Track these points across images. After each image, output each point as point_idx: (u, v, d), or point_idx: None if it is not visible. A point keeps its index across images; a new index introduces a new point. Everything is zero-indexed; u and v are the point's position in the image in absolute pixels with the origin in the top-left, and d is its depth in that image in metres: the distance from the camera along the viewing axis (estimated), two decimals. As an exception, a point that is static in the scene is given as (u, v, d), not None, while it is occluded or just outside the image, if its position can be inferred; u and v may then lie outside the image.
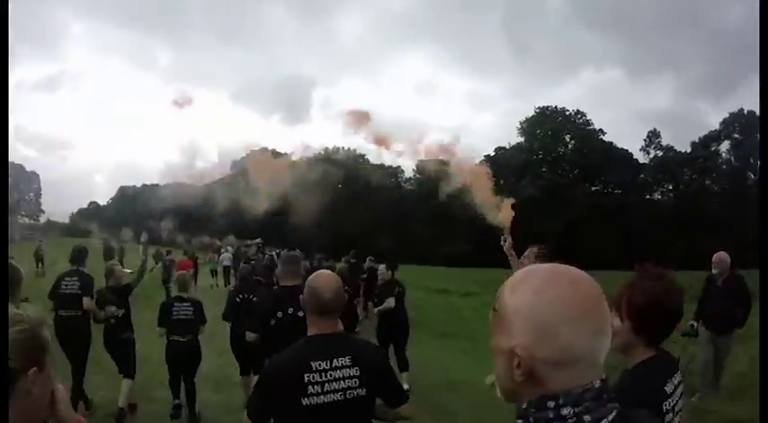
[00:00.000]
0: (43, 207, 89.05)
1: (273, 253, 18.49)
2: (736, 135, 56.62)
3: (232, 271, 20.15)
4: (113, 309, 6.18)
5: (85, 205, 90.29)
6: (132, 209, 71.47)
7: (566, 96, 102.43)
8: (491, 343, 1.04)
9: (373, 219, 63.21)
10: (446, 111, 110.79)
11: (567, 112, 63.75)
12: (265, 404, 2.36)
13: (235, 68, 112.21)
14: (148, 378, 7.23)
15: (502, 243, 5.04)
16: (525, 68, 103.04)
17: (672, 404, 1.84)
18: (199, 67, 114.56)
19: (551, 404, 0.94)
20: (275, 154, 72.53)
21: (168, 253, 19.84)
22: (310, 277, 2.60)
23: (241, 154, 76.19)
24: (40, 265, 22.79)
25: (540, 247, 4.26)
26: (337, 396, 2.29)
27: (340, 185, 69.02)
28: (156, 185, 79.03)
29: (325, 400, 2.27)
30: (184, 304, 6.39)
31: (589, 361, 0.95)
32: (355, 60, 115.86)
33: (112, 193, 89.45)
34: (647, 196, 61.63)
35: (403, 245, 50.96)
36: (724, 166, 57.56)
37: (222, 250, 24.15)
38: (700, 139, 59.66)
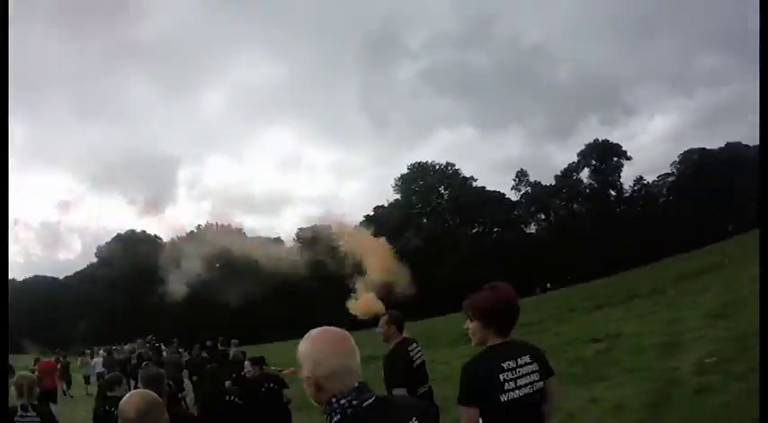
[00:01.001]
0: None
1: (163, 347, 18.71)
2: (594, 162, 63.81)
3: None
4: None
5: None
6: None
7: (426, 156, 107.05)
8: None
9: (258, 292, 61.34)
10: (314, 182, 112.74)
11: (438, 166, 67.51)
12: None
13: (96, 148, 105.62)
14: None
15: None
16: (385, 137, 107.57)
17: (511, 376, 2.49)
18: (57, 146, 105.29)
19: (333, 400, 1.67)
20: (144, 237, 69.40)
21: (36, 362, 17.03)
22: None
23: (106, 239, 71.31)
24: None
25: (390, 313, 5.07)
26: None
27: (218, 265, 66.79)
28: (14, 280, 73.22)
29: None
30: (29, 414, 4.81)
31: (346, 373, 1.69)
32: (220, 137, 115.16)
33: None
34: (524, 229, 66.23)
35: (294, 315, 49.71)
36: (587, 190, 63.98)
37: (94, 355, 22.39)
38: (561, 171, 65.79)
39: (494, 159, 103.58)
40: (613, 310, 19.36)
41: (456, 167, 67.17)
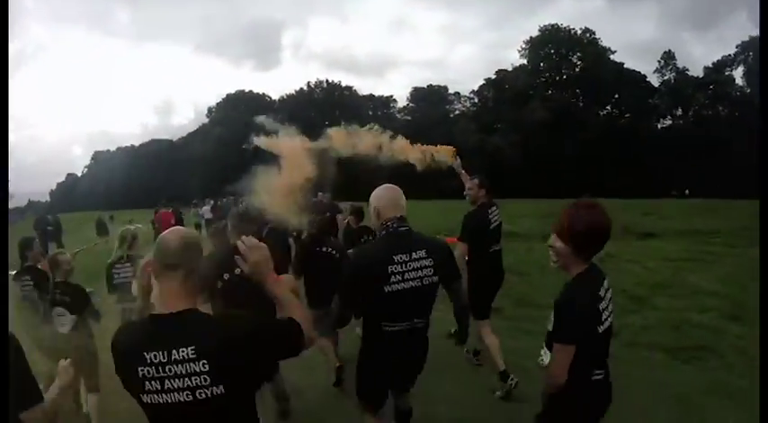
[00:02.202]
0: (22, 188, 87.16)
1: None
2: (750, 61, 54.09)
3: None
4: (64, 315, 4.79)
5: (63, 179, 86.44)
6: (109, 175, 69.04)
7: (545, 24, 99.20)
8: None
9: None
10: (422, 45, 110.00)
11: (573, 31, 61.29)
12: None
13: (198, 20, 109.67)
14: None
15: (453, 165, 5.81)
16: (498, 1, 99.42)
17: (605, 306, 2.40)
18: (161, 23, 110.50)
19: (386, 223, 3.04)
20: (252, 96, 70.14)
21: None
22: None
23: (216, 100, 73.37)
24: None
25: (480, 178, 5.47)
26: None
27: (327, 122, 66.59)
28: (132, 146, 77.85)
29: None
30: (126, 265, 5.46)
31: (393, 207, 3.06)
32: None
33: (87, 161, 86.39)
34: (658, 122, 60.17)
35: (402, 180, 48.32)
36: (738, 93, 55.32)
37: (202, 203, 25.25)
38: (713, 63, 57.71)
39: (622, 39, 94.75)
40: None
41: (595, 35, 60.77)
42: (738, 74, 56.15)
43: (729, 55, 56.85)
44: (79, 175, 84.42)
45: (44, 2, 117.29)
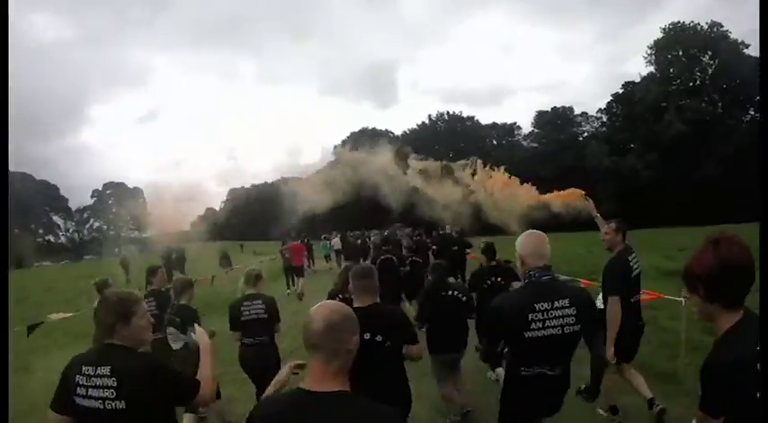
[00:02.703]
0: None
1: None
2: None
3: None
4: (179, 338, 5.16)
5: (202, 213, 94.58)
6: (245, 209, 74.81)
7: (656, 31, 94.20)
8: None
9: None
10: (535, 68, 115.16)
11: (700, 27, 56.50)
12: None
13: (316, 64, 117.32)
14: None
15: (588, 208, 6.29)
16: (607, 7, 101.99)
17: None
18: (282, 70, 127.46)
19: (530, 272, 3.21)
20: (375, 133, 73.26)
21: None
22: None
23: (342, 137, 77.43)
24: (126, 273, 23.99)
25: (617, 222, 5.28)
26: None
27: (451, 154, 68.11)
28: (265, 183, 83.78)
29: None
30: (255, 302, 5.65)
31: (538, 256, 3.19)
32: (430, 33, 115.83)
33: (224, 197, 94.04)
34: None
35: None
36: None
37: (331, 236, 27.08)
38: None
39: (746, 28, 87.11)
40: None
41: (724, 29, 55.76)
42: None
43: None
44: (217, 209, 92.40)
45: (168, 57, 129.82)
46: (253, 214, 72.01)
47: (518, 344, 3.15)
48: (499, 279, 6.64)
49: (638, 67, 71.14)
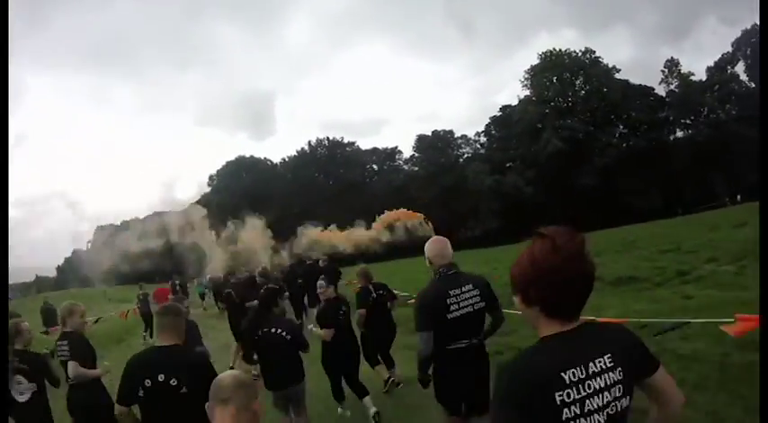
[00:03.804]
0: (35, 263, 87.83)
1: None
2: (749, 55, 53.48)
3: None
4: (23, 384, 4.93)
5: (69, 254, 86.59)
6: (111, 250, 68.10)
7: (527, 63, 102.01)
8: None
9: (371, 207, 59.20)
10: (411, 99, 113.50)
11: (574, 54, 60.43)
12: None
13: (195, 93, 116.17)
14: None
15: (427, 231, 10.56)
16: (478, 45, 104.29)
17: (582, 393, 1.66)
18: (159, 97, 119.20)
19: (438, 269, 4.05)
20: (252, 161, 69.10)
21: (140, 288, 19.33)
22: None
23: (216, 167, 73.24)
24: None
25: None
26: None
27: (331, 181, 65.21)
28: (136, 219, 77.23)
29: None
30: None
31: (441, 257, 4.06)
32: (310, 64, 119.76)
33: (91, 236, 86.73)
34: (673, 133, 59.05)
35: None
36: (743, 88, 54.10)
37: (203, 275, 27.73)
38: (714, 63, 57.03)
39: (614, 57, 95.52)
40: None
41: (597, 55, 59.82)
42: (740, 69, 55.87)
43: (728, 52, 56.67)
44: (84, 249, 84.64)
45: (44, 78, 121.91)
46: (121, 255, 65.40)
47: (443, 325, 3.85)
48: (381, 292, 7.68)
49: (507, 99, 77.76)
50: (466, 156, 65.04)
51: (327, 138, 68.39)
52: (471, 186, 55.76)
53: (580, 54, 60.21)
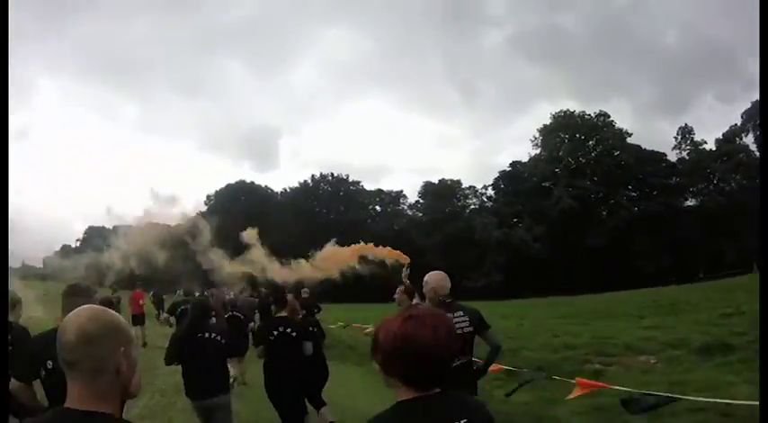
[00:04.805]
0: (20, 252, 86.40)
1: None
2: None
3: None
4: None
5: (58, 248, 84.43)
6: (101, 249, 66.26)
7: (526, 130, 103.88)
8: None
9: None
10: (411, 153, 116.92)
11: (588, 116, 61.11)
12: None
13: (201, 121, 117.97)
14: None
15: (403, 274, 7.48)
16: (479, 109, 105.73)
17: None
18: (165, 120, 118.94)
19: (440, 297, 4.57)
20: (252, 188, 67.86)
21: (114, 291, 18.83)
22: None
23: (216, 188, 71.86)
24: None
25: (407, 286, 6.26)
26: None
27: (332, 216, 64.05)
28: (129, 227, 75.15)
29: None
30: None
31: (442, 288, 4.59)
32: (316, 108, 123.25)
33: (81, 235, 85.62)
34: (683, 198, 59.15)
35: (412, 281, 44.05)
36: (754, 158, 53.97)
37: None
38: (723, 134, 58.01)
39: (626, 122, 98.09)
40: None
41: (610, 119, 60.57)
42: (749, 140, 56.51)
43: (736, 124, 57.51)
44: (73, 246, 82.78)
45: (55, 81, 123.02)
46: (110, 258, 63.54)
47: None
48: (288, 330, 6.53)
49: (505, 162, 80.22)
50: (472, 207, 64.87)
51: (332, 173, 67.70)
52: (478, 237, 55.46)
53: (594, 116, 60.87)
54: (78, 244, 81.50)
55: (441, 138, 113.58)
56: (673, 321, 15.70)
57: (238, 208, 63.08)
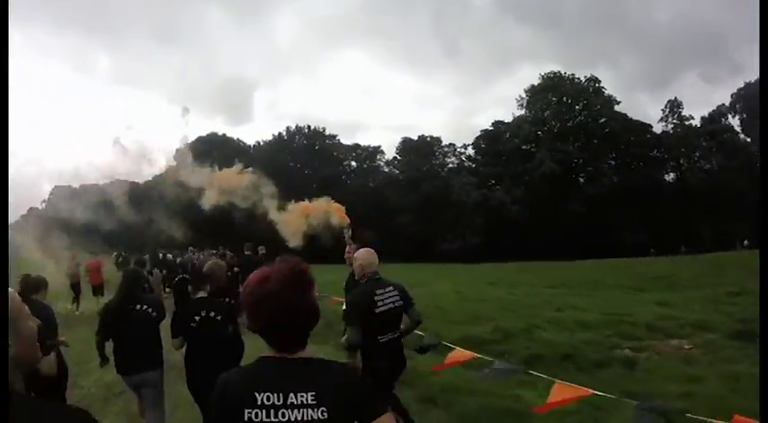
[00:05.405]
0: None
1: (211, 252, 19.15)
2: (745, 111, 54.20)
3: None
4: None
5: (25, 212, 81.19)
6: (69, 212, 63.37)
7: (509, 92, 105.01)
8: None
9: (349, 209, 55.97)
10: (391, 109, 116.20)
11: (577, 80, 59.33)
12: None
13: (173, 71, 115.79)
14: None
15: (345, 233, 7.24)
16: (463, 67, 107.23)
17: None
18: (139, 70, 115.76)
19: (368, 274, 4.56)
20: (224, 140, 64.94)
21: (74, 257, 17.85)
22: None
23: (185, 142, 69.04)
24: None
25: (359, 246, 5.75)
26: None
27: (307, 171, 61.58)
28: (96, 185, 72.06)
29: None
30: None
31: (370, 265, 4.59)
32: (295, 62, 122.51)
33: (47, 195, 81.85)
34: (665, 172, 58.64)
35: (387, 240, 42.09)
36: (740, 140, 54.91)
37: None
38: (709, 113, 57.65)
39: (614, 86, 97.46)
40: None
41: (600, 84, 58.93)
42: (736, 123, 56.74)
43: (724, 104, 57.59)
44: (39, 208, 79.03)
45: (24, 31, 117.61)
46: (77, 219, 60.77)
47: (373, 319, 4.29)
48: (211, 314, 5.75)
49: (486, 122, 78.83)
50: (450, 166, 62.95)
51: (308, 126, 64.92)
52: (456, 198, 53.84)
53: (584, 80, 59.30)
54: (44, 205, 78.48)
55: (422, 95, 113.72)
56: (679, 298, 14.61)
57: (209, 162, 60.17)
